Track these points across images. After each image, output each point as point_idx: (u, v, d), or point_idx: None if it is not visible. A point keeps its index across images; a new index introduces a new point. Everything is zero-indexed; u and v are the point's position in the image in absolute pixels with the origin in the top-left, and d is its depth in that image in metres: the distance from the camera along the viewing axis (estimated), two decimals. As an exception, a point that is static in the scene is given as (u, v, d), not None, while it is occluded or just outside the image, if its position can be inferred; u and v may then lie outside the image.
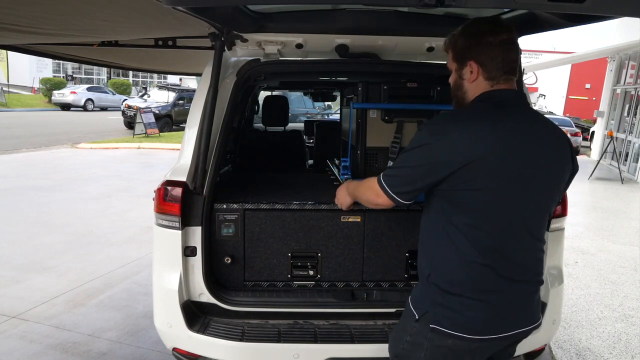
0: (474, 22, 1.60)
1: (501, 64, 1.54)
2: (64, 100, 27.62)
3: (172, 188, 2.22)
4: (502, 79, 1.56)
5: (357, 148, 2.59)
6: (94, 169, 10.18)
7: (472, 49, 1.56)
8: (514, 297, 1.55)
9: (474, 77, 1.57)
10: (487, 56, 1.54)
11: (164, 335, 2.34)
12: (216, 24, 2.18)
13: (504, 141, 1.46)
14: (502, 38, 1.53)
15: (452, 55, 1.66)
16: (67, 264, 4.78)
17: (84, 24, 2.60)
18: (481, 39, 1.54)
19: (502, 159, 1.45)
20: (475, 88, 1.59)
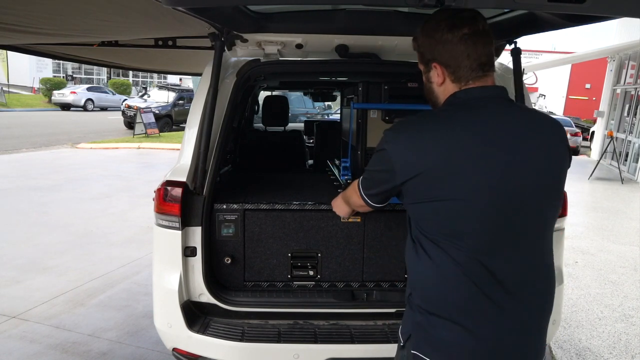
0: (431, 19, 1.40)
1: (467, 62, 1.35)
2: (64, 100, 27.61)
3: (172, 188, 2.22)
4: (473, 78, 1.37)
5: (358, 148, 2.58)
6: (94, 169, 10.18)
7: (433, 49, 1.40)
8: (508, 322, 1.31)
9: (441, 79, 1.41)
10: (449, 55, 1.36)
11: (164, 336, 2.34)
12: (216, 24, 2.18)
13: (466, 146, 1.28)
14: (463, 32, 1.34)
15: (418, 57, 1.49)
16: (67, 264, 4.78)
17: (84, 24, 2.60)
18: (440, 37, 1.36)
19: (468, 165, 1.27)
20: (444, 92, 1.42)
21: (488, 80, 1.40)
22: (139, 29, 2.87)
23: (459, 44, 1.34)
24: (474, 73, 1.37)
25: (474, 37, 1.35)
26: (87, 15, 2.41)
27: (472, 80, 1.37)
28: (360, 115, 2.54)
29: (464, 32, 1.34)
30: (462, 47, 1.34)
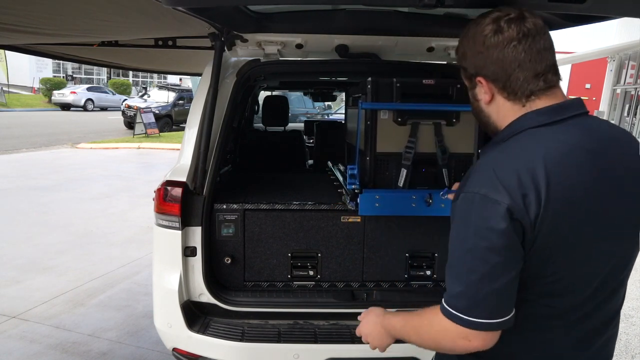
0: (471, 24, 1.18)
1: (521, 73, 1.10)
2: (64, 100, 27.60)
3: (172, 188, 2.22)
4: (537, 92, 1.11)
5: (366, 153, 2.26)
6: (94, 169, 10.17)
7: (476, 60, 1.15)
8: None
9: (488, 96, 1.17)
10: (496, 66, 1.12)
11: (164, 336, 2.34)
12: (216, 24, 2.18)
13: (561, 191, 1.02)
14: (511, 35, 1.09)
15: (462, 72, 1.25)
16: (67, 264, 4.78)
17: (84, 24, 2.60)
18: (482, 45, 1.13)
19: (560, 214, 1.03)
20: (498, 111, 1.17)
21: (554, 93, 1.13)
22: (139, 29, 2.86)
23: (508, 50, 1.10)
24: (531, 86, 1.11)
25: (528, 38, 1.10)
26: (87, 15, 2.41)
27: (535, 96, 1.12)
28: (369, 116, 2.22)
29: (512, 35, 1.10)
30: (512, 53, 1.10)
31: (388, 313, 1.36)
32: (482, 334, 1.04)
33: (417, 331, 1.20)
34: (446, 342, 1.10)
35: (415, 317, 1.22)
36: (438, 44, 2.53)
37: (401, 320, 1.28)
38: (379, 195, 2.12)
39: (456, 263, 1.07)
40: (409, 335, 1.23)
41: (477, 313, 1.03)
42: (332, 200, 2.45)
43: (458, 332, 1.05)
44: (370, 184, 2.22)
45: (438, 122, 2.21)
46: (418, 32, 2.45)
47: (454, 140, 2.20)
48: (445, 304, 1.08)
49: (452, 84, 2.21)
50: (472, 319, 1.03)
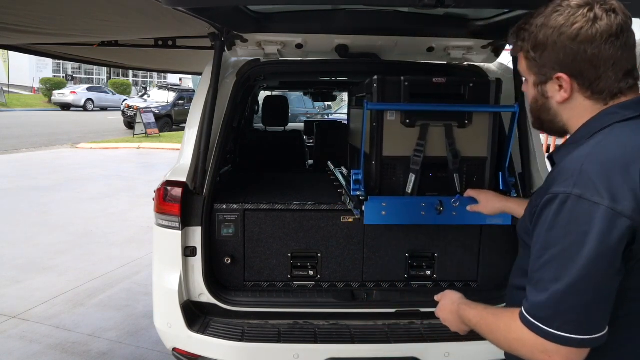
0: (555, 5, 1.00)
1: (613, 72, 0.98)
2: (64, 100, 27.62)
3: (172, 188, 2.22)
4: (624, 91, 1.01)
5: (371, 157, 2.10)
6: (94, 169, 10.17)
7: (560, 54, 0.99)
8: None
9: (567, 94, 1.03)
10: (588, 64, 0.98)
11: (164, 336, 2.34)
12: (216, 24, 2.18)
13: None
14: (608, 28, 0.95)
15: (525, 62, 1.09)
16: (67, 264, 4.78)
17: (84, 24, 2.60)
18: (574, 38, 0.97)
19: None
20: (572, 110, 1.05)
21: (637, 88, 1.04)
22: (139, 29, 2.87)
23: (603, 45, 0.96)
24: (621, 84, 1.00)
25: (622, 35, 0.97)
26: (87, 15, 2.42)
27: (621, 93, 1.01)
28: (375, 117, 2.06)
29: (609, 29, 0.96)
30: (609, 51, 0.96)
31: (464, 303, 1.26)
32: (564, 350, 0.92)
33: (491, 331, 1.11)
34: (524, 353, 1.00)
35: (491, 317, 1.12)
36: (438, 44, 2.53)
37: (477, 316, 1.17)
38: (385, 202, 2.00)
39: (540, 269, 0.96)
40: (484, 332, 1.14)
41: (561, 325, 0.92)
42: (332, 200, 2.45)
43: (537, 343, 0.95)
44: (376, 191, 2.08)
45: (449, 123, 2.06)
46: (418, 32, 2.45)
47: (466, 143, 2.08)
48: (525, 312, 0.97)
49: (465, 83, 2.07)
50: (554, 332, 0.92)
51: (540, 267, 0.96)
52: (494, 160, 2.15)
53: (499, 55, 2.63)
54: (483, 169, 2.14)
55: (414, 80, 2.03)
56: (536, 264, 0.97)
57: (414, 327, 2.31)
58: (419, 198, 2.04)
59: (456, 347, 2.20)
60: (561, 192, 0.93)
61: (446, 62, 2.73)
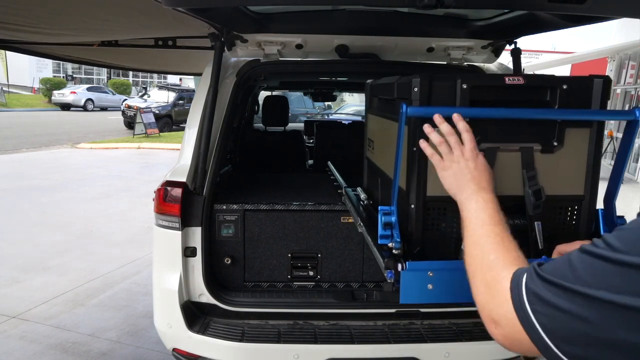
0: None
1: None
2: (64, 100, 27.60)
3: (172, 188, 2.22)
4: None
5: (409, 197, 1.41)
6: (94, 169, 10.17)
7: None
8: None
9: None
10: None
11: (164, 336, 2.34)
12: (216, 25, 2.18)
13: None
14: None
15: None
16: (67, 264, 4.77)
17: (83, 23, 2.61)
18: None
19: None
20: None
21: None
22: (139, 28, 2.87)
23: None
24: None
25: None
26: (87, 14, 2.42)
27: None
28: (416, 137, 1.31)
29: None
30: None
31: (483, 190, 0.98)
32: (518, 333, 0.71)
33: (475, 244, 0.88)
34: (481, 301, 0.80)
35: (489, 238, 0.87)
36: (438, 44, 2.53)
37: (476, 220, 0.92)
38: (432, 272, 1.31)
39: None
40: (470, 241, 0.90)
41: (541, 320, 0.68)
42: (332, 200, 2.45)
43: (504, 309, 0.73)
44: (416, 249, 1.39)
45: (529, 146, 1.37)
46: (418, 32, 2.45)
47: (554, 175, 1.39)
48: (525, 281, 0.71)
49: (554, 85, 1.35)
50: (532, 317, 0.69)
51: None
52: (593, 200, 1.46)
53: (498, 55, 2.63)
54: (578, 213, 1.45)
55: (476, 82, 1.35)
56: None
57: (414, 327, 2.31)
58: None
59: (456, 347, 2.20)
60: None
61: (446, 62, 2.74)
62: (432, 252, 1.39)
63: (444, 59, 2.72)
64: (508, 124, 1.32)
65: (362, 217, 1.86)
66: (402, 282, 1.32)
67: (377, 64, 2.67)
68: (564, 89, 1.34)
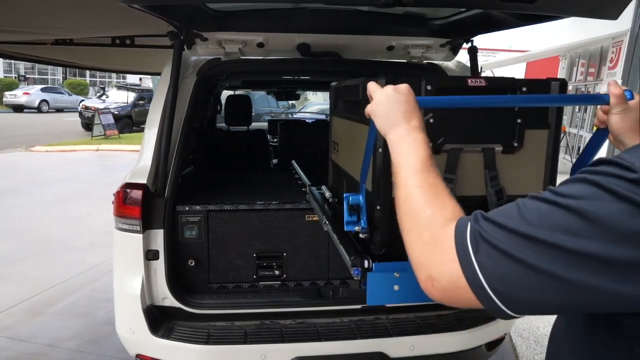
0: None
1: None
2: (17, 102, 26.44)
3: (131, 190, 2.17)
4: None
5: (375, 200, 1.40)
6: (50, 173, 9.80)
7: None
8: None
9: None
10: None
11: (126, 342, 2.29)
12: (175, 23, 2.14)
13: None
14: None
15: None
16: (23, 272, 4.59)
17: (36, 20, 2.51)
18: None
19: None
20: None
21: None
22: (95, 26, 2.78)
23: None
24: None
25: None
26: (40, 11, 2.33)
27: None
28: (382, 140, 1.27)
29: None
30: None
31: (415, 130, 0.90)
32: (460, 289, 0.69)
33: (408, 198, 0.82)
34: (417, 250, 0.76)
35: (422, 189, 0.81)
36: (398, 43, 2.57)
37: (408, 166, 0.84)
38: (399, 272, 1.32)
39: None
40: (401, 176, 0.85)
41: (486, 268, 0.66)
42: (296, 199, 2.45)
43: (443, 259, 0.71)
44: (383, 251, 1.40)
45: (490, 147, 1.40)
46: (378, 31, 2.48)
47: (514, 175, 1.42)
48: (471, 222, 0.71)
49: (515, 87, 1.37)
50: (477, 270, 0.67)
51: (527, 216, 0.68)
52: None
53: (456, 53, 2.70)
54: None
55: (439, 84, 1.35)
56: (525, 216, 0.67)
57: (380, 322, 2.34)
58: None
59: (421, 339, 2.25)
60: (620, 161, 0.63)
61: (406, 60, 2.78)
62: (397, 253, 1.32)
63: (404, 57, 2.77)
64: (471, 126, 1.34)
65: (328, 215, 1.88)
66: (368, 284, 1.33)
67: (339, 63, 2.68)
68: (524, 91, 1.37)
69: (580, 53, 13.97)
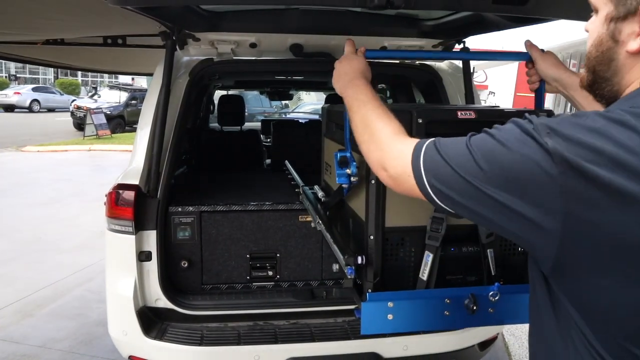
0: None
1: None
2: (7, 102, 26.18)
3: (124, 191, 2.16)
4: None
5: (368, 228, 1.44)
6: (41, 173, 9.72)
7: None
8: None
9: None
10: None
11: (119, 344, 2.28)
12: (167, 23, 2.13)
13: None
14: None
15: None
16: (14, 273, 4.55)
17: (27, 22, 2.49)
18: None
19: None
20: (632, 68, 0.78)
21: None
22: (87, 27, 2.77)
23: None
24: None
25: None
26: (30, 13, 2.31)
27: None
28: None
29: None
30: None
31: (356, 79, 1.21)
32: (405, 177, 0.90)
33: (361, 120, 1.07)
34: (375, 150, 1.00)
35: (373, 112, 1.06)
36: (391, 44, 2.57)
37: (371, 97, 1.11)
38: (393, 302, 1.34)
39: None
40: (352, 117, 1.11)
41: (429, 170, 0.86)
42: (289, 200, 2.45)
43: (394, 155, 0.93)
44: (376, 279, 1.43)
45: None
46: (371, 31, 2.48)
47: None
48: (426, 143, 0.88)
49: (503, 117, 1.32)
50: (422, 166, 0.87)
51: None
52: None
53: (449, 54, 2.71)
54: None
55: (431, 117, 1.38)
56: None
57: None
58: (440, 292, 1.40)
59: (414, 339, 2.26)
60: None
61: (398, 61, 2.79)
62: (391, 281, 1.44)
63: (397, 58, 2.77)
64: None
65: (320, 214, 1.90)
66: (362, 313, 1.34)
67: (331, 63, 2.68)
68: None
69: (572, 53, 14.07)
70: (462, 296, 1.35)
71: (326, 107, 2.18)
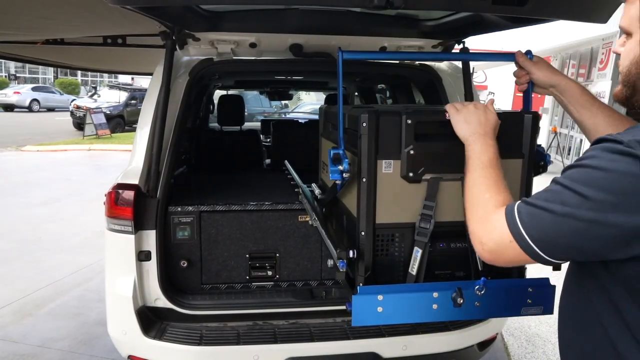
0: None
1: None
2: (7, 101, 26.18)
3: (123, 191, 2.16)
4: None
5: (360, 225, 1.51)
6: (41, 173, 9.72)
7: None
8: None
9: None
10: None
11: (118, 343, 2.28)
12: (167, 23, 2.13)
13: None
14: None
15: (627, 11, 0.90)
16: (13, 273, 4.55)
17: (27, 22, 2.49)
18: None
19: None
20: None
21: None
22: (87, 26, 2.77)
23: None
24: None
25: None
26: (30, 13, 2.31)
27: None
28: (365, 168, 1.47)
29: None
30: None
31: (487, 135, 1.21)
32: (504, 247, 0.92)
33: (474, 184, 1.10)
34: (473, 228, 1.02)
35: (495, 174, 1.10)
36: (390, 44, 2.58)
37: (492, 159, 1.14)
38: (382, 296, 1.41)
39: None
40: (468, 172, 1.13)
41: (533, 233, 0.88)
42: (289, 199, 2.45)
43: (491, 228, 0.95)
44: (367, 273, 1.50)
45: None
46: (371, 32, 2.48)
47: None
48: (517, 208, 0.92)
49: None
50: (519, 225, 0.89)
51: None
52: None
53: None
54: None
55: (420, 119, 1.46)
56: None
57: None
58: (428, 285, 1.47)
59: (413, 339, 2.26)
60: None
61: (398, 61, 2.79)
62: (381, 275, 1.52)
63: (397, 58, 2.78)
64: (449, 156, 1.43)
65: (317, 211, 1.96)
66: (353, 306, 1.41)
67: (331, 63, 2.68)
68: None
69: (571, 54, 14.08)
70: (450, 290, 1.41)
71: (323, 108, 2.25)
